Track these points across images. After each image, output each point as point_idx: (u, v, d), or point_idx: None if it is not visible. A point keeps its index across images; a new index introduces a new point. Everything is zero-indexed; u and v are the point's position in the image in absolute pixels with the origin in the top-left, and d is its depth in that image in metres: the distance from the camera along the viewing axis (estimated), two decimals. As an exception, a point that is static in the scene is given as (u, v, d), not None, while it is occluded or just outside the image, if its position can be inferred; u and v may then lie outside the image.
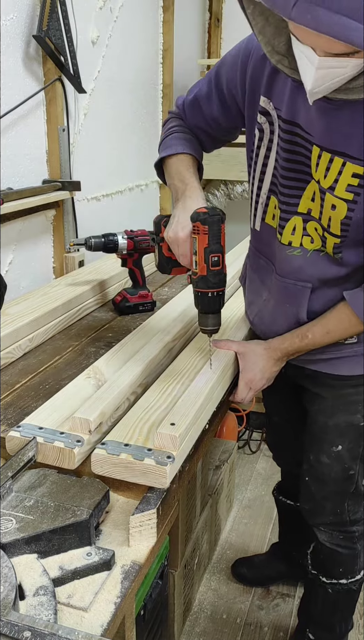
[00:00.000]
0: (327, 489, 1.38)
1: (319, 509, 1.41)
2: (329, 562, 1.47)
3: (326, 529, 1.43)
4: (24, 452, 0.95)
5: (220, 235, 1.09)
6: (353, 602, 1.54)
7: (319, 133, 1.02)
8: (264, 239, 1.24)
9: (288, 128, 1.06)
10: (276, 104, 1.07)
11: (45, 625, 0.67)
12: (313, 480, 1.39)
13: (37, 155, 1.85)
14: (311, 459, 1.38)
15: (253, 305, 1.35)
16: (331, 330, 1.18)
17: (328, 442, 1.33)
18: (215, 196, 3.12)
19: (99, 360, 1.27)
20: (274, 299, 1.24)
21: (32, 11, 1.70)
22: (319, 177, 1.05)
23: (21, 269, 1.83)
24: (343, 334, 1.19)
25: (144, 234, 1.68)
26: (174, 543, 1.57)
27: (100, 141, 2.23)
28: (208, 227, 1.07)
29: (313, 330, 1.19)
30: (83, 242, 1.65)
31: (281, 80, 1.05)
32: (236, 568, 1.99)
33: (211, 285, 1.11)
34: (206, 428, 1.13)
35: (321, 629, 1.57)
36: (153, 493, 0.93)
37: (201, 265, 1.09)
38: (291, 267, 1.17)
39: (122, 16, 2.24)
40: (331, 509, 1.39)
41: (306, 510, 1.45)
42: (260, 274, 1.30)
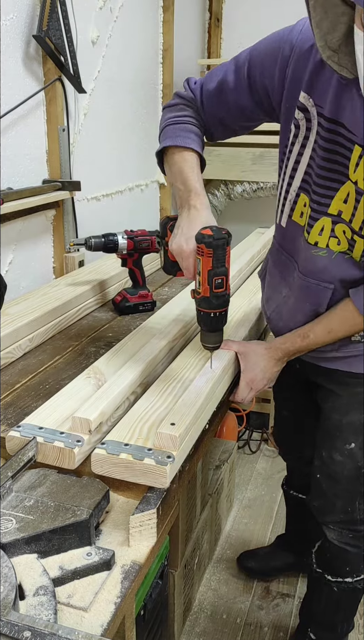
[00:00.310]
0: (338, 487, 1.36)
1: (330, 507, 1.40)
2: (336, 561, 1.45)
3: (336, 527, 1.42)
4: (24, 452, 0.95)
5: (225, 258, 1.07)
6: (356, 602, 1.54)
7: None
8: (289, 236, 1.22)
9: (330, 127, 1.04)
10: (317, 101, 1.05)
11: (45, 625, 0.67)
12: (324, 478, 1.38)
13: (37, 155, 1.85)
14: (324, 456, 1.37)
15: (271, 301, 1.34)
16: (333, 329, 1.18)
17: (342, 440, 1.33)
18: (215, 196, 3.12)
19: (99, 360, 1.27)
20: (295, 297, 1.23)
21: (32, 11, 1.70)
22: (357, 178, 1.03)
23: (21, 269, 1.83)
24: (345, 333, 1.19)
25: (144, 234, 1.68)
26: (174, 543, 1.56)
27: (100, 141, 2.23)
28: (213, 250, 1.06)
29: (314, 329, 1.20)
30: (83, 242, 1.65)
31: (325, 77, 1.02)
32: (242, 561, 2.00)
33: (213, 307, 1.11)
34: (206, 428, 1.13)
35: (323, 629, 1.56)
36: (153, 493, 0.93)
37: (204, 286, 1.09)
38: (315, 267, 1.16)
39: (122, 16, 2.24)
40: (342, 507, 1.38)
41: (316, 508, 1.43)
42: (281, 270, 1.28)
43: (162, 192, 2.86)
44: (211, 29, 3.30)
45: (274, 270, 1.32)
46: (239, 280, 1.87)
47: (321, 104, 1.04)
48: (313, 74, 1.04)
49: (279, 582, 1.95)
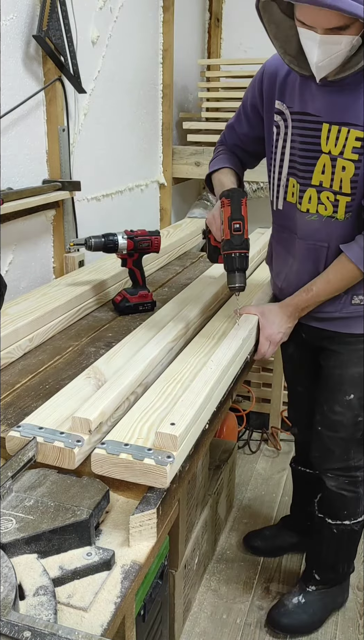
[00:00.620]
0: (337, 436, 1.56)
1: (329, 455, 1.59)
2: (335, 506, 1.64)
3: (334, 474, 1.61)
4: (24, 452, 0.95)
5: (241, 206, 1.34)
6: (354, 543, 1.72)
7: (326, 112, 1.30)
8: (286, 215, 1.48)
9: (301, 118, 1.34)
10: (288, 103, 1.36)
11: (45, 625, 0.67)
12: (325, 429, 1.58)
13: (37, 155, 1.85)
14: (325, 409, 1.56)
15: (281, 274, 1.56)
16: (331, 279, 1.40)
17: (342, 392, 1.52)
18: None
19: (99, 360, 1.27)
20: (298, 261, 1.47)
21: (32, 11, 1.70)
22: (330, 148, 1.31)
23: (21, 269, 1.83)
24: (341, 281, 1.40)
25: (144, 234, 1.68)
26: (174, 543, 1.57)
27: (100, 141, 2.23)
28: (230, 199, 1.34)
29: (316, 283, 1.43)
30: (83, 242, 1.65)
31: (290, 84, 1.35)
32: (248, 540, 2.09)
33: (234, 247, 1.34)
34: (206, 428, 1.13)
35: (326, 569, 1.73)
36: (153, 493, 0.93)
37: (226, 231, 1.35)
38: (310, 230, 1.42)
39: (122, 16, 2.24)
40: (339, 455, 1.58)
41: (317, 458, 1.63)
42: (284, 245, 1.52)
43: (162, 192, 2.86)
44: (211, 29, 3.30)
45: (278, 247, 1.56)
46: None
47: (291, 105, 1.36)
48: (281, 85, 1.38)
49: (279, 582, 1.95)
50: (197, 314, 1.51)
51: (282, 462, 2.60)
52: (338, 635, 1.76)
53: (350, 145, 1.28)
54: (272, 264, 1.62)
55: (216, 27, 3.29)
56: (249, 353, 1.46)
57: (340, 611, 1.84)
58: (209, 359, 1.24)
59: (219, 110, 3.11)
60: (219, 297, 1.68)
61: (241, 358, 1.37)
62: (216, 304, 1.65)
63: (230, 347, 1.30)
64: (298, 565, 2.02)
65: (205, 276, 1.88)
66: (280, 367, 2.61)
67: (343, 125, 1.28)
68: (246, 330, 1.40)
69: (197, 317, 1.51)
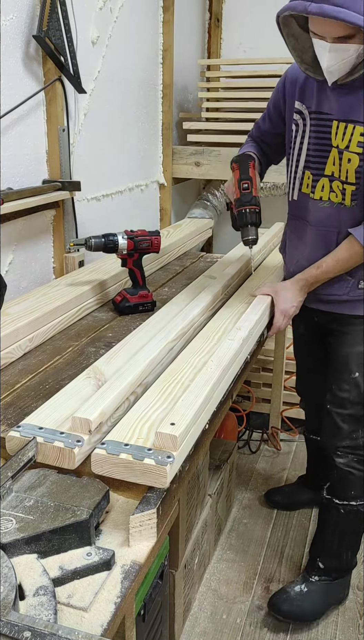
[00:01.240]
0: (345, 413, 1.68)
1: (338, 433, 1.69)
2: (343, 485, 1.72)
3: (343, 452, 1.70)
4: (24, 452, 0.95)
5: (248, 168, 1.53)
6: (359, 528, 1.78)
7: (337, 111, 1.47)
8: (300, 205, 1.63)
9: (316, 116, 1.52)
10: (307, 104, 1.54)
11: (45, 625, 0.67)
12: (333, 406, 1.69)
13: (37, 155, 1.85)
14: (333, 388, 1.69)
15: (293, 259, 1.71)
16: (339, 258, 1.55)
17: (348, 371, 1.65)
18: (215, 196, 3.12)
19: (99, 360, 1.27)
20: (310, 246, 1.62)
21: (32, 11, 1.70)
22: (338, 143, 1.48)
23: (21, 269, 1.83)
24: (349, 260, 1.54)
25: (144, 234, 1.68)
26: (174, 543, 1.57)
27: (100, 141, 2.23)
28: (239, 163, 1.56)
29: (326, 260, 1.57)
30: (83, 242, 1.65)
31: (309, 88, 1.53)
32: (269, 496, 2.32)
33: (244, 203, 1.53)
34: (206, 428, 1.13)
35: (330, 556, 1.79)
36: (153, 493, 0.93)
37: (237, 191, 1.54)
38: (322, 216, 1.57)
39: (122, 16, 2.24)
40: (348, 433, 1.68)
41: (327, 436, 1.73)
42: (298, 233, 1.67)
43: (162, 192, 2.86)
44: (211, 29, 3.30)
45: (292, 236, 1.71)
46: (239, 280, 1.87)
47: (309, 105, 1.54)
48: (301, 88, 1.56)
49: (279, 582, 1.95)
50: (198, 314, 1.51)
51: (282, 462, 2.60)
52: (338, 635, 1.76)
53: (355, 139, 1.45)
54: (285, 251, 1.78)
55: (216, 27, 3.29)
56: (251, 352, 1.46)
57: (340, 611, 1.84)
58: (209, 359, 1.24)
59: (219, 110, 3.11)
60: (219, 297, 1.68)
61: (241, 358, 1.37)
62: (216, 304, 1.65)
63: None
64: (298, 565, 2.03)
65: (205, 276, 1.88)
66: (280, 367, 2.61)
67: (349, 122, 1.45)
68: (246, 330, 1.40)
69: (198, 317, 1.51)
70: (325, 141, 1.51)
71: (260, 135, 1.77)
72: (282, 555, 2.07)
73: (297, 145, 1.59)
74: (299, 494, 2.28)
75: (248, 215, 1.53)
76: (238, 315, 1.52)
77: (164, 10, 2.60)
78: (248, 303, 1.59)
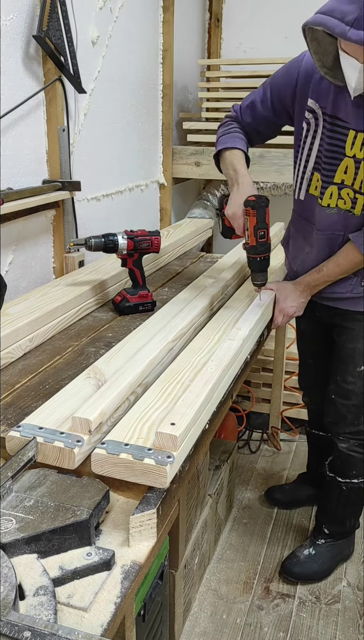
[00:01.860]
0: (349, 403, 1.76)
1: (342, 421, 1.79)
2: (345, 466, 1.84)
3: (345, 437, 1.81)
4: (24, 452, 0.95)
5: (265, 216, 1.51)
6: (360, 499, 1.91)
7: (354, 121, 1.44)
8: (307, 206, 1.64)
9: (331, 120, 1.48)
10: (321, 104, 1.49)
11: (45, 625, 0.67)
12: (338, 397, 1.78)
13: (37, 155, 1.85)
14: (338, 380, 1.77)
15: (297, 259, 1.75)
16: (340, 263, 1.60)
17: (353, 364, 1.73)
18: (215, 196, 3.12)
19: (99, 360, 1.27)
20: (315, 250, 1.65)
21: (32, 11, 1.70)
22: (354, 152, 1.47)
23: (21, 269, 1.83)
24: (349, 265, 1.59)
25: (144, 234, 1.68)
26: (174, 543, 1.56)
27: (100, 141, 2.23)
28: (256, 211, 1.49)
29: (326, 265, 1.62)
30: (83, 242, 1.65)
31: (325, 87, 1.47)
32: (270, 494, 2.33)
33: (259, 252, 1.55)
34: (206, 428, 1.13)
35: (335, 523, 1.95)
36: (153, 493, 0.93)
37: (252, 238, 1.53)
38: (329, 222, 1.59)
39: (122, 16, 2.24)
40: (351, 420, 1.78)
41: (331, 423, 1.83)
42: (303, 233, 1.70)
43: (162, 192, 2.86)
44: (211, 29, 3.30)
45: (297, 235, 1.73)
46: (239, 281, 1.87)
47: (324, 106, 1.49)
48: (315, 86, 1.49)
49: (279, 582, 1.95)
50: (197, 314, 1.51)
51: (282, 462, 2.60)
52: (338, 636, 1.76)
53: None
54: (288, 247, 1.81)
55: (216, 27, 3.29)
56: (251, 352, 1.46)
57: (340, 611, 1.84)
58: (210, 359, 1.24)
59: (219, 110, 3.11)
60: (218, 297, 1.68)
61: (241, 358, 1.37)
62: (216, 304, 1.65)
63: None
64: (298, 565, 2.03)
65: (205, 276, 1.88)
66: (280, 367, 2.61)
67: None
68: (246, 330, 1.40)
69: (197, 317, 1.51)
70: (339, 149, 1.49)
71: (252, 120, 1.66)
72: (282, 555, 2.07)
73: (307, 145, 1.56)
74: (300, 491, 2.30)
75: (262, 262, 1.58)
76: (238, 315, 1.52)
77: (164, 10, 2.60)
78: (247, 304, 1.59)
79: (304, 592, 1.92)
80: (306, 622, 1.81)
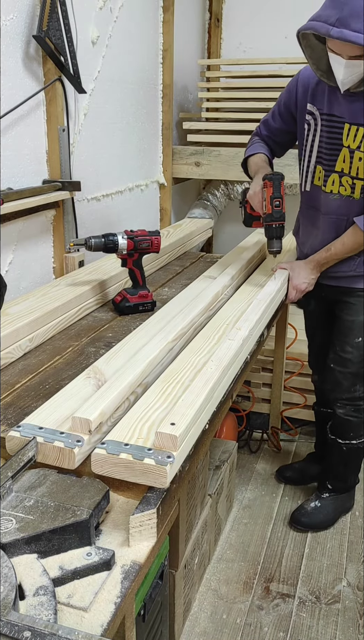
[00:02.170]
0: (346, 371, 1.97)
1: (339, 388, 2.00)
2: (344, 429, 2.05)
3: (342, 403, 2.02)
4: (24, 452, 0.95)
5: (280, 187, 1.72)
6: (359, 457, 2.13)
7: (348, 115, 1.67)
8: (313, 195, 1.86)
9: (328, 118, 1.72)
10: (318, 106, 1.74)
11: (45, 625, 0.67)
12: (336, 365, 1.98)
13: (37, 155, 1.85)
14: (337, 349, 1.98)
15: (306, 243, 1.96)
16: (345, 242, 1.80)
17: (352, 335, 1.93)
18: (215, 196, 3.12)
19: (99, 360, 1.27)
20: (322, 232, 1.87)
21: (32, 11, 1.70)
22: (349, 143, 1.70)
23: (21, 269, 1.83)
24: (353, 245, 1.79)
25: (144, 234, 1.68)
26: (174, 543, 1.56)
27: (100, 141, 2.23)
28: (272, 182, 1.72)
29: (334, 244, 1.83)
30: (83, 242, 1.65)
31: (320, 91, 1.72)
32: (281, 472, 2.48)
33: (274, 219, 1.75)
34: (206, 428, 1.13)
35: (337, 480, 2.17)
36: (153, 493, 0.93)
37: (268, 206, 1.74)
38: (333, 207, 1.81)
39: (122, 16, 2.24)
40: (347, 388, 1.99)
41: (329, 390, 2.04)
42: (311, 220, 1.91)
43: (162, 192, 2.86)
44: (211, 29, 3.30)
45: (306, 222, 1.95)
46: (240, 281, 1.87)
47: (321, 107, 1.73)
48: (313, 91, 1.75)
49: (279, 582, 1.96)
50: (197, 314, 1.51)
51: (282, 462, 2.60)
52: (338, 635, 1.77)
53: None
54: (298, 234, 2.03)
55: (216, 27, 3.29)
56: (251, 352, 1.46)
57: (340, 611, 1.84)
58: (210, 359, 1.24)
59: (219, 110, 3.11)
60: (219, 297, 1.68)
61: (241, 358, 1.37)
62: (216, 304, 1.65)
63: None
64: (299, 565, 2.03)
65: (205, 276, 1.88)
66: (280, 367, 2.61)
67: (360, 126, 1.66)
68: (246, 330, 1.40)
69: (197, 317, 1.51)
70: (336, 141, 1.72)
71: (269, 133, 1.95)
72: (282, 555, 2.08)
73: (309, 142, 1.80)
74: (309, 469, 2.43)
75: (277, 229, 1.77)
76: (238, 315, 1.52)
77: (164, 10, 2.60)
78: (248, 304, 1.60)
79: (304, 592, 1.92)
80: (306, 622, 1.81)
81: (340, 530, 2.19)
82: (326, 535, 2.17)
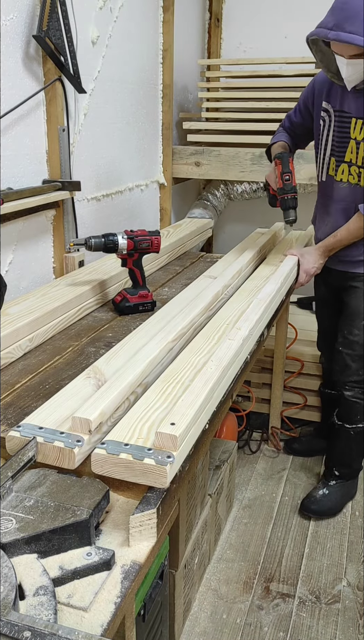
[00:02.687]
0: (354, 354, 2.08)
1: (347, 370, 2.11)
2: (351, 412, 2.15)
3: (350, 386, 2.12)
4: (24, 452, 0.95)
5: (289, 164, 1.94)
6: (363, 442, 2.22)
7: (355, 110, 1.86)
8: (327, 184, 2.04)
9: (340, 114, 1.91)
10: (332, 103, 1.93)
11: (45, 625, 0.67)
12: (344, 348, 2.10)
13: (37, 155, 1.85)
14: (345, 333, 2.10)
15: (320, 229, 2.12)
16: (350, 228, 1.95)
17: (359, 319, 2.05)
18: (215, 196, 3.12)
19: (99, 360, 1.27)
20: (333, 219, 2.04)
21: (32, 11, 1.70)
22: (356, 135, 1.88)
23: (21, 269, 1.83)
24: (357, 230, 1.94)
25: (144, 234, 1.68)
26: (174, 543, 1.56)
27: (100, 141, 2.23)
28: (281, 160, 1.95)
29: (340, 231, 1.98)
30: (83, 242, 1.65)
31: (334, 90, 1.91)
32: (288, 444, 2.65)
33: (286, 191, 1.94)
34: (206, 428, 1.13)
35: (342, 465, 2.26)
36: (153, 493, 0.93)
37: (280, 181, 1.95)
38: (343, 194, 1.98)
39: (122, 16, 2.24)
40: (355, 370, 2.10)
41: (338, 372, 2.15)
42: (325, 208, 2.08)
43: (162, 192, 2.86)
44: (211, 29, 3.30)
45: (321, 210, 2.12)
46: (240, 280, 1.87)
47: (334, 104, 1.92)
48: (328, 91, 1.94)
49: (279, 582, 1.96)
50: (197, 314, 1.51)
51: (282, 462, 2.60)
52: (338, 635, 1.77)
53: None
54: (315, 222, 2.19)
55: (216, 27, 3.29)
56: (251, 352, 1.47)
57: (340, 611, 1.84)
58: (209, 359, 1.24)
59: (219, 110, 3.11)
60: (219, 296, 1.68)
61: (241, 358, 1.37)
62: (216, 304, 1.65)
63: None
64: (299, 565, 2.03)
65: (205, 276, 1.88)
66: (280, 367, 2.61)
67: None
68: (246, 330, 1.40)
69: (197, 317, 1.51)
70: (345, 134, 1.90)
71: (290, 126, 2.15)
72: (282, 555, 2.08)
73: (324, 137, 1.98)
74: (315, 442, 2.61)
75: (289, 201, 1.95)
76: (238, 315, 1.52)
77: (164, 10, 2.60)
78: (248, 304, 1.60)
79: (304, 592, 1.92)
80: (306, 622, 1.81)
81: (340, 530, 2.19)
82: (326, 535, 2.17)
